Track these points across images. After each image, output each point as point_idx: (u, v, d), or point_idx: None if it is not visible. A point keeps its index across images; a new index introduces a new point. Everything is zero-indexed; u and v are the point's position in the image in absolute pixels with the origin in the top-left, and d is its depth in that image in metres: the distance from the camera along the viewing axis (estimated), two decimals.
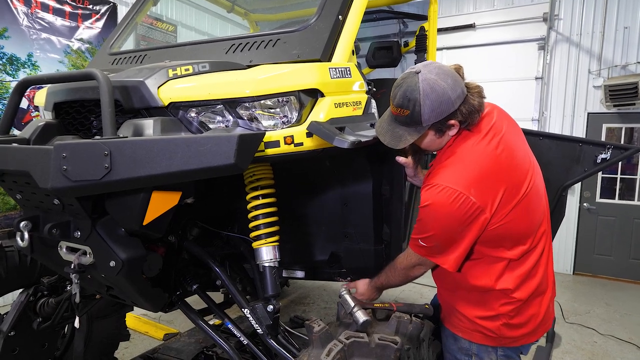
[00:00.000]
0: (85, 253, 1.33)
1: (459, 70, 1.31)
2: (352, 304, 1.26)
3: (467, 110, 1.26)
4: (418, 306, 1.39)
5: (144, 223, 1.25)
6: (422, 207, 1.29)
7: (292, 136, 1.29)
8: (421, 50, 2.64)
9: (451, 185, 1.23)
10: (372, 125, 1.52)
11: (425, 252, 1.36)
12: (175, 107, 1.35)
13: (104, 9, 4.19)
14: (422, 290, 4.44)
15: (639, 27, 4.89)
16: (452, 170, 1.27)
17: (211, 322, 1.80)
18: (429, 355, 1.42)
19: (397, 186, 1.69)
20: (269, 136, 1.27)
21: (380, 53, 2.78)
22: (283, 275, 2.04)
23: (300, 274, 1.99)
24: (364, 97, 1.58)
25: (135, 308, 2.20)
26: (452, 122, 1.27)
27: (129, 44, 2.36)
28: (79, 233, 1.31)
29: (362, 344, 1.12)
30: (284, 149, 1.28)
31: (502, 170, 1.27)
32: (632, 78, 4.72)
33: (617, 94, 4.79)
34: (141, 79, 1.33)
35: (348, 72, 1.51)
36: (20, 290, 1.94)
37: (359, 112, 1.53)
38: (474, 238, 1.27)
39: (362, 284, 1.59)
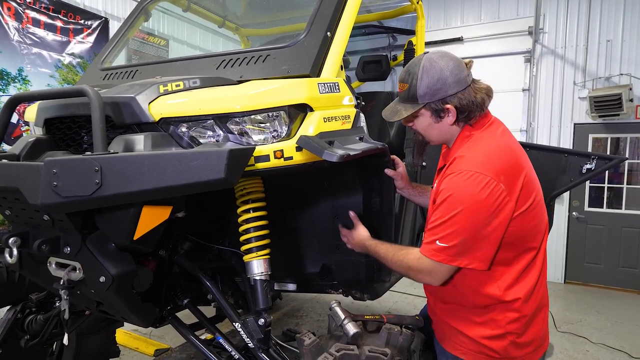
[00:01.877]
0: (74, 269, 1.33)
1: (468, 63, 1.32)
2: (343, 317, 1.27)
3: (466, 100, 1.25)
4: (409, 318, 1.40)
5: (135, 238, 1.25)
6: (446, 198, 1.17)
7: (282, 150, 1.31)
8: None
9: (480, 171, 1.15)
10: (361, 139, 1.55)
11: (445, 256, 1.17)
12: (166, 123, 1.37)
13: (95, 23, 4.23)
14: (414, 301, 4.44)
15: (621, 40, 5.05)
16: (478, 158, 1.20)
17: (203, 337, 1.79)
18: None
19: (386, 198, 1.71)
20: (259, 150, 1.29)
21: (370, 67, 2.83)
22: (275, 288, 2.04)
23: (292, 286, 1.99)
24: (352, 111, 1.62)
25: (125, 323, 2.18)
26: (448, 106, 1.25)
27: (120, 59, 2.39)
28: (69, 249, 1.31)
29: (352, 356, 1.12)
30: (274, 163, 1.30)
31: (521, 166, 1.23)
32: (616, 89, 4.85)
33: (601, 104, 4.92)
34: (132, 95, 1.35)
35: (337, 87, 1.54)
36: (8, 307, 1.91)
37: (348, 125, 1.56)
38: (503, 231, 1.17)
39: (361, 234, 1.51)
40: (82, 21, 4.11)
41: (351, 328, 1.22)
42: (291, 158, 1.32)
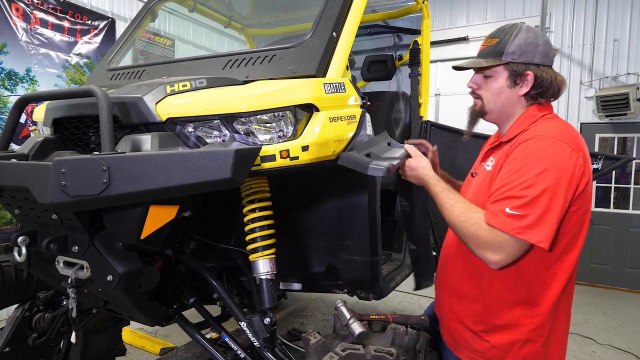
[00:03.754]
0: (82, 267, 1.34)
1: (555, 50, 1.29)
2: (348, 316, 1.27)
3: (547, 76, 1.21)
4: (414, 317, 1.40)
5: (142, 237, 1.26)
6: (525, 163, 1.08)
7: (287, 150, 1.31)
8: (415, 63, 2.68)
9: (563, 140, 1.09)
10: (389, 144, 1.53)
11: (515, 227, 1.04)
12: (173, 123, 1.38)
13: (102, 24, 4.26)
14: (420, 301, 4.43)
15: (628, 39, 5.00)
16: (556, 129, 1.14)
17: (208, 336, 1.80)
18: None
19: (417, 201, 1.64)
20: (265, 150, 1.29)
21: (375, 66, 2.83)
22: (280, 287, 2.05)
23: (297, 286, 2.00)
24: (358, 111, 1.62)
25: (131, 322, 2.20)
26: (529, 73, 1.20)
27: (127, 59, 2.40)
28: (77, 247, 1.32)
29: (358, 355, 1.12)
30: (279, 162, 1.31)
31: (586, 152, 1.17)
32: (623, 89, 4.81)
33: (608, 104, 4.88)
34: (139, 95, 1.36)
35: (342, 87, 1.54)
36: (16, 305, 1.93)
37: (354, 125, 1.56)
38: (566, 208, 1.09)
39: (421, 162, 1.35)
40: (89, 22, 4.15)
41: (357, 327, 1.22)
42: (297, 158, 1.32)
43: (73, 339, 1.49)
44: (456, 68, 1.36)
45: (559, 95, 1.27)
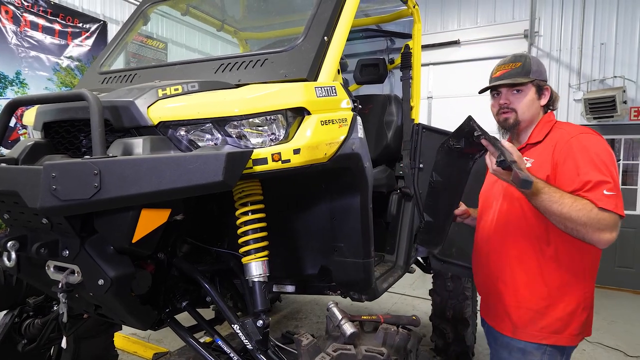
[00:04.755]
0: (73, 272, 1.33)
1: None
2: (340, 317, 1.28)
3: (551, 90, 1.53)
4: (405, 318, 1.41)
5: (133, 241, 1.26)
6: (589, 155, 1.31)
7: (279, 153, 1.32)
8: (406, 67, 2.71)
9: (594, 133, 1.38)
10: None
11: (615, 205, 1.24)
12: (165, 126, 1.38)
13: (94, 27, 4.24)
14: (414, 302, 4.45)
15: (615, 43, 5.11)
16: (580, 128, 1.43)
17: (202, 340, 1.79)
18: None
19: (451, 178, 1.64)
20: (257, 153, 1.30)
21: (367, 70, 2.85)
22: (273, 289, 2.05)
23: (290, 288, 2.00)
24: (349, 115, 1.63)
25: (124, 327, 2.18)
26: (547, 87, 1.51)
27: (119, 63, 2.40)
28: (67, 252, 1.31)
29: (349, 356, 1.13)
30: (271, 165, 1.31)
31: None
32: (610, 92, 4.90)
33: (596, 106, 4.97)
34: (131, 99, 1.36)
35: (334, 91, 1.55)
36: (5, 311, 1.91)
37: (345, 129, 1.57)
38: None
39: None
40: (80, 24, 4.13)
41: (348, 328, 1.23)
42: (289, 161, 1.33)
43: (64, 344, 1.48)
44: (491, 88, 1.56)
45: (556, 106, 1.57)
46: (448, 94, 6.00)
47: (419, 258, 3.05)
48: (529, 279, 1.43)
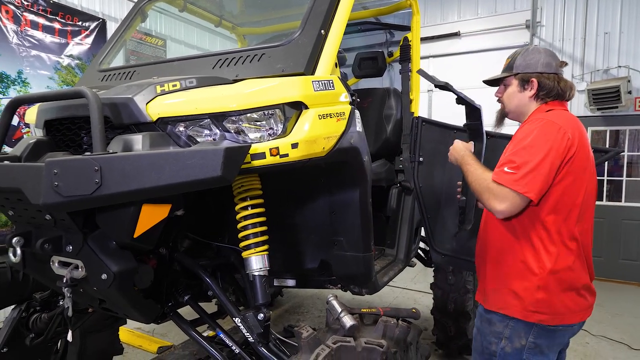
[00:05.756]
0: (77, 267, 1.35)
1: (562, 63, 1.62)
2: (339, 310, 1.29)
3: (549, 82, 1.56)
4: (405, 310, 1.43)
5: (135, 236, 1.28)
6: (518, 137, 1.47)
7: (277, 148, 1.33)
8: (405, 59, 2.70)
9: (552, 119, 1.45)
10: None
11: (509, 180, 1.39)
12: (164, 122, 1.39)
13: (93, 25, 4.25)
14: (415, 296, 4.47)
15: (619, 32, 5.05)
16: (551, 114, 1.50)
17: (205, 334, 1.82)
18: (417, 358, 1.45)
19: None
20: (255, 148, 1.31)
21: (366, 63, 2.84)
22: (274, 284, 2.07)
23: (291, 282, 2.02)
24: (347, 108, 1.63)
25: (128, 321, 2.21)
26: (532, 80, 1.57)
27: (118, 60, 2.41)
28: (71, 247, 1.33)
29: (349, 348, 1.15)
30: (269, 160, 1.32)
31: (581, 141, 1.47)
32: (614, 82, 4.85)
33: (600, 97, 4.92)
34: (130, 96, 1.37)
35: (331, 85, 1.56)
36: (13, 306, 1.95)
37: (343, 122, 1.58)
38: (553, 174, 1.39)
39: (457, 145, 1.74)
40: (79, 23, 4.13)
41: (348, 321, 1.25)
42: (287, 155, 1.34)
43: (69, 338, 1.51)
44: (486, 82, 1.77)
45: (566, 96, 1.60)
46: None
47: (420, 252, 3.06)
48: (497, 255, 1.57)
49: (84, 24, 4.17)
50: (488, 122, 1.92)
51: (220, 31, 3.78)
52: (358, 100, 1.79)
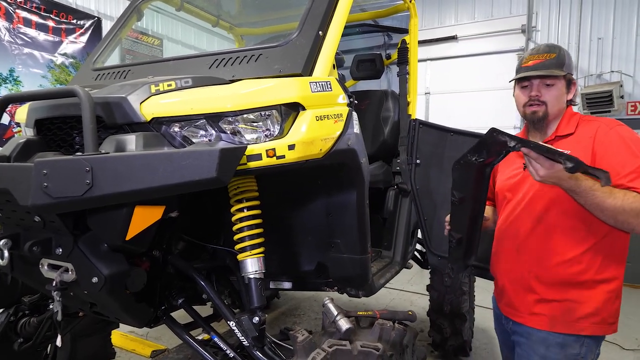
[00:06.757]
0: (67, 270, 1.32)
1: None
2: (335, 313, 1.27)
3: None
4: (401, 313, 1.41)
5: (127, 238, 1.25)
6: (628, 144, 1.33)
7: (274, 149, 1.31)
8: (403, 62, 2.70)
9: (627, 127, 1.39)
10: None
11: None
12: (158, 122, 1.37)
13: (88, 23, 4.20)
14: (412, 297, 4.45)
15: (612, 38, 5.10)
16: (610, 120, 1.43)
17: (200, 337, 1.79)
18: None
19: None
20: (251, 149, 1.29)
21: (364, 65, 2.83)
22: (270, 286, 2.04)
23: (287, 284, 1.99)
24: (345, 110, 1.62)
25: (122, 325, 2.17)
26: (575, 82, 1.48)
27: (114, 59, 2.38)
28: (61, 250, 1.30)
29: (344, 351, 1.13)
30: (266, 161, 1.30)
31: None
32: (607, 86, 4.90)
33: (593, 101, 4.96)
34: (123, 95, 1.35)
35: (329, 86, 1.54)
36: (1, 310, 1.90)
37: (341, 124, 1.56)
38: None
39: (547, 167, 1.22)
40: (74, 21, 4.09)
41: (343, 324, 1.23)
42: (283, 157, 1.32)
43: (59, 342, 1.47)
44: (525, 78, 1.47)
45: (576, 101, 1.54)
46: (446, 90, 5.98)
47: (417, 253, 3.05)
48: (567, 269, 1.39)
49: (78, 22, 4.12)
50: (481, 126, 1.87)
51: (218, 31, 3.76)
52: (356, 102, 1.77)
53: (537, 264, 1.44)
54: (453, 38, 5.87)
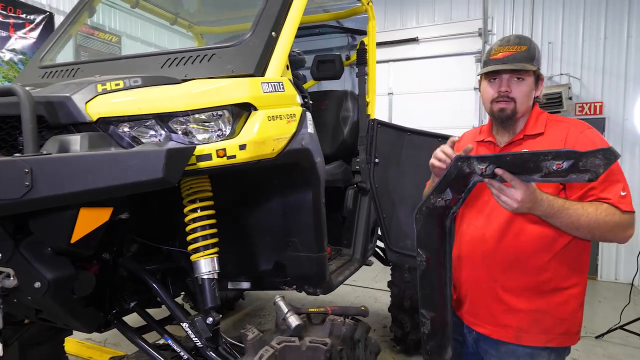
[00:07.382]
0: (8, 275, 1.27)
1: None
2: (286, 310, 1.30)
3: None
4: (353, 308, 1.45)
5: (72, 241, 1.22)
6: (597, 142, 1.25)
7: (224, 149, 1.32)
8: (362, 63, 2.76)
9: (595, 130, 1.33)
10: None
11: (630, 201, 1.21)
12: (105, 122, 1.34)
13: (39, 18, 4.00)
14: (376, 294, 4.55)
15: (561, 42, 5.41)
16: (580, 122, 1.38)
17: (161, 342, 1.75)
18: (366, 355, 1.48)
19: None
20: (201, 150, 1.29)
21: (324, 66, 2.87)
22: (229, 286, 2.04)
23: (245, 284, 2.00)
24: (298, 110, 1.65)
25: (77, 332, 2.09)
26: (542, 77, 1.39)
27: (67, 56, 2.28)
28: (1, 255, 1.25)
29: (293, 347, 1.15)
30: (216, 161, 1.31)
31: None
32: (557, 88, 5.20)
33: (544, 102, 5.25)
34: (67, 94, 1.31)
35: (281, 86, 1.56)
36: None
37: (294, 124, 1.59)
38: None
39: (524, 185, 1.12)
40: (23, 15, 3.88)
41: (293, 320, 1.25)
42: (234, 157, 1.33)
43: (0, 351, 1.41)
44: (494, 72, 1.36)
45: (542, 99, 1.45)
46: (408, 90, 6.14)
47: (378, 250, 3.13)
48: (535, 276, 1.33)
49: (28, 17, 3.91)
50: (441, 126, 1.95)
51: (179, 30, 3.68)
52: (311, 102, 1.80)
53: (505, 273, 1.36)
54: (414, 40, 6.03)
